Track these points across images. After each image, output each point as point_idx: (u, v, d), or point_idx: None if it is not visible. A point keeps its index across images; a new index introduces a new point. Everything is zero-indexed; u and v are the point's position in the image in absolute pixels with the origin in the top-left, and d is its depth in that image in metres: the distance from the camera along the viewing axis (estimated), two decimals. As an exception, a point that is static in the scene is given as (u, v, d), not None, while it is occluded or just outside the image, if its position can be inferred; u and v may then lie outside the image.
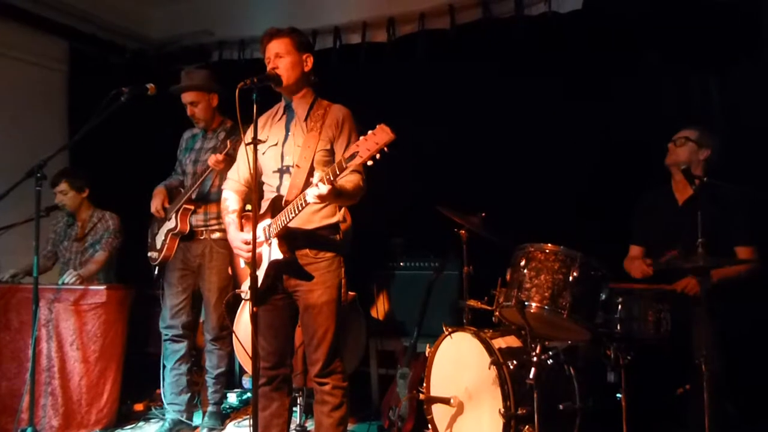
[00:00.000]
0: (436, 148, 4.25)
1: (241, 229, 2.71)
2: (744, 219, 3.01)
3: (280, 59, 2.57)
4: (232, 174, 2.85)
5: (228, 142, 3.32)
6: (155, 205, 3.69)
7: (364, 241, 3.67)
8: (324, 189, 2.25)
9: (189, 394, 3.74)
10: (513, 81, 4.08)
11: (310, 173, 2.54)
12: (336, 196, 2.34)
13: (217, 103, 3.68)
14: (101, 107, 3.11)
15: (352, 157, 2.17)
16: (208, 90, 3.64)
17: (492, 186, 3.98)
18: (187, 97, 3.62)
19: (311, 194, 2.29)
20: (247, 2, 5.20)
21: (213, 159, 3.35)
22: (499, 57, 4.15)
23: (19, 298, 3.67)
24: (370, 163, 2.17)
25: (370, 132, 2.16)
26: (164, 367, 3.75)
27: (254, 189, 2.41)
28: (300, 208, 2.40)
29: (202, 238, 3.65)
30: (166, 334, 3.74)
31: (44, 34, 4.90)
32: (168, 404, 3.73)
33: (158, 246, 3.71)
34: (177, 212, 3.61)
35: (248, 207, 2.84)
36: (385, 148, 2.14)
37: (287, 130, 2.65)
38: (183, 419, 3.71)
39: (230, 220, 2.74)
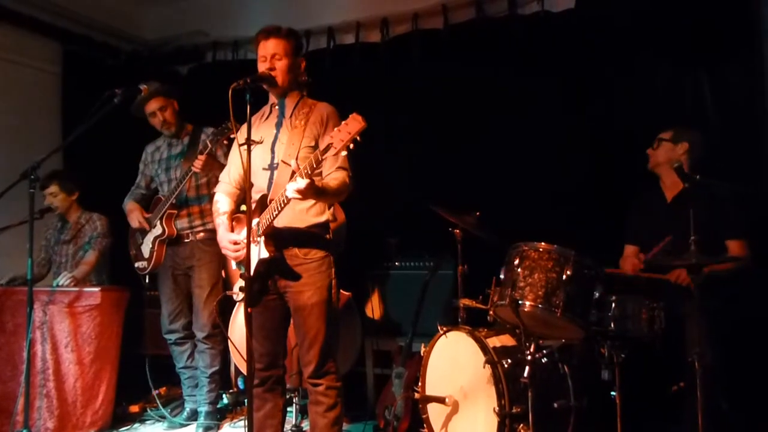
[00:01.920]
0: (431, 148, 4.25)
1: (232, 231, 2.70)
2: (734, 212, 3.03)
3: (278, 61, 2.56)
4: (223, 177, 2.85)
5: (208, 142, 3.36)
6: (136, 218, 3.76)
7: (358, 240, 3.68)
8: (302, 183, 2.23)
9: None
10: (506, 80, 4.09)
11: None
12: (317, 192, 2.33)
13: (178, 108, 3.74)
14: (94, 109, 3.11)
15: (327, 148, 2.18)
16: (170, 95, 3.71)
17: (486, 185, 3.98)
18: (154, 105, 3.66)
19: (290, 189, 2.27)
20: (241, 3, 5.20)
21: (198, 163, 3.39)
22: (493, 56, 4.15)
23: (14, 300, 3.66)
24: (344, 153, 2.18)
25: (343, 122, 2.17)
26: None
27: (248, 189, 2.40)
28: (282, 205, 2.40)
29: (187, 241, 3.71)
30: (170, 339, 3.84)
31: (37, 36, 4.89)
32: (186, 396, 3.90)
33: (146, 255, 3.76)
34: (161, 219, 3.65)
35: (243, 208, 2.85)
36: (358, 137, 2.14)
37: (276, 129, 2.64)
38: None
39: (220, 221, 2.73)
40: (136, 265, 3.83)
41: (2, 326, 3.66)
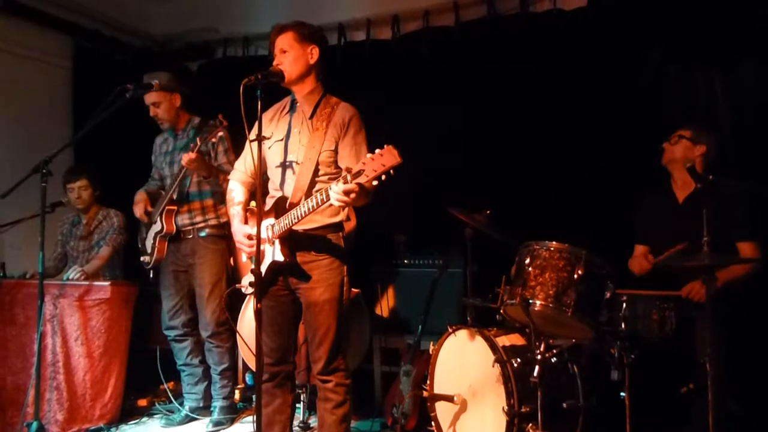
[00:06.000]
0: (441, 145, 4.24)
1: (246, 223, 2.70)
2: (745, 214, 3.01)
3: (284, 54, 2.57)
4: (239, 165, 2.85)
5: (198, 139, 3.35)
6: (138, 210, 3.77)
7: (367, 238, 3.67)
8: (351, 186, 2.14)
9: (206, 383, 3.84)
10: (518, 78, 4.07)
11: (315, 174, 2.54)
12: (365, 193, 2.25)
13: (180, 102, 3.72)
14: (106, 103, 3.10)
15: (358, 174, 2.13)
16: (170, 90, 3.66)
17: (497, 183, 3.97)
18: (149, 98, 3.66)
19: (335, 193, 2.18)
20: (252, -1, 5.20)
21: (186, 158, 3.38)
22: (504, 54, 4.13)
23: (25, 293, 3.68)
24: (375, 183, 2.12)
25: (377, 151, 2.11)
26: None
27: (258, 186, 2.40)
28: (310, 210, 2.36)
29: (189, 237, 3.70)
30: (169, 335, 3.83)
31: (48, 30, 4.90)
32: (186, 393, 3.87)
33: (149, 250, 3.75)
34: (161, 214, 3.64)
35: (253, 204, 2.84)
36: (391, 171, 2.10)
37: (291, 125, 2.64)
38: (201, 405, 3.84)
39: (235, 212, 2.73)
40: (141, 259, 3.82)
41: (14, 319, 3.68)
